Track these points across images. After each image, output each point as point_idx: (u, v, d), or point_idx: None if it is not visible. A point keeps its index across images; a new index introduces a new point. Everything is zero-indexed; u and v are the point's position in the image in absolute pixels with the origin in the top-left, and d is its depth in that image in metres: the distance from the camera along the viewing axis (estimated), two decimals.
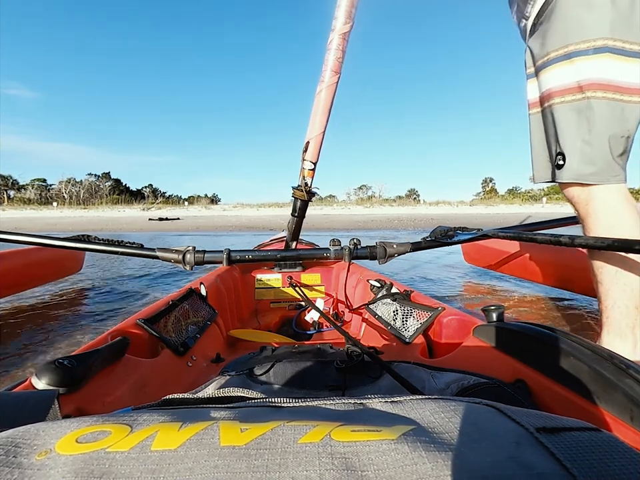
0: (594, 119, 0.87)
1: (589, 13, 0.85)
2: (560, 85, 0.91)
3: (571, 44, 0.88)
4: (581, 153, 0.89)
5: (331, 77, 1.35)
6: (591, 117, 0.87)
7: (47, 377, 0.43)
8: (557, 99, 0.92)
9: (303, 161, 1.39)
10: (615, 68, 0.84)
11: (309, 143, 1.38)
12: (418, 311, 0.83)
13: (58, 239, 1.38)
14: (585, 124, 0.89)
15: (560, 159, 0.92)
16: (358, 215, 18.64)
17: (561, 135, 0.93)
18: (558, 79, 0.91)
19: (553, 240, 0.84)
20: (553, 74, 0.92)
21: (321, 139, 1.39)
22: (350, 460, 0.18)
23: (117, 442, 0.20)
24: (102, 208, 25.68)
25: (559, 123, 0.93)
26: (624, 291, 0.90)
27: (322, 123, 1.37)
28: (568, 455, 0.18)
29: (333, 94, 1.36)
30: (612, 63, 0.84)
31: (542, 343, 0.46)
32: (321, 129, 1.37)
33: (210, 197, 43.09)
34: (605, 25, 0.84)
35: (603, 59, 0.84)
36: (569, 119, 0.91)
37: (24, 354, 1.32)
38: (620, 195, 0.89)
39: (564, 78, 0.90)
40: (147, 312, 0.78)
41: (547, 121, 0.97)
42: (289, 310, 1.41)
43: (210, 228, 12.55)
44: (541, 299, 2.14)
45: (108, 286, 2.58)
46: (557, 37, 0.90)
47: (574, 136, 0.91)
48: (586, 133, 0.89)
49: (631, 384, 0.35)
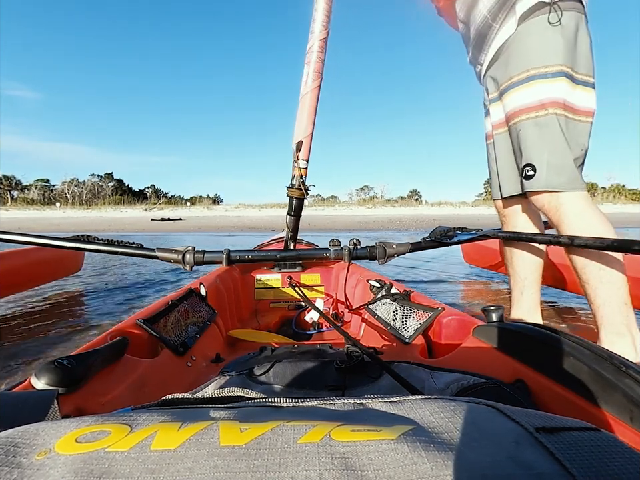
0: (557, 132, 0.97)
1: (546, 44, 0.97)
2: (524, 104, 1.01)
3: (532, 68, 0.99)
4: (548, 164, 0.98)
5: (313, 80, 1.42)
6: (555, 130, 0.97)
7: (46, 376, 0.43)
8: (523, 116, 1.02)
9: (297, 160, 1.42)
10: (569, 91, 0.97)
11: (302, 143, 1.41)
12: (418, 311, 0.83)
13: (57, 239, 1.38)
14: (549, 137, 0.98)
15: (529, 170, 1.02)
16: (360, 215, 18.66)
17: (529, 148, 1.03)
18: (522, 99, 1.02)
19: (552, 240, 0.85)
20: (517, 95, 1.02)
21: (311, 138, 1.45)
22: (350, 460, 0.18)
23: (117, 442, 0.20)
24: (104, 208, 25.71)
25: (526, 138, 1.02)
26: (610, 288, 0.95)
27: (310, 123, 1.43)
28: (567, 454, 0.18)
29: (317, 96, 1.44)
30: (566, 87, 0.96)
31: (542, 343, 0.46)
32: (309, 129, 1.43)
33: (212, 197, 43.16)
34: (559, 54, 0.96)
35: (560, 82, 0.96)
36: (535, 133, 1.00)
37: (23, 354, 1.32)
38: (585, 201, 0.99)
39: (527, 97, 1.01)
40: (146, 312, 0.78)
41: (513, 137, 1.07)
42: (289, 310, 1.41)
43: (212, 228, 12.57)
44: (541, 300, 2.13)
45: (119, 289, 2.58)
46: (519, 63, 1.01)
47: (541, 148, 1.00)
48: (551, 146, 0.99)
49: (630, 384, 0.35)
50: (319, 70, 1.44)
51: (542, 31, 0.97)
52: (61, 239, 1.38)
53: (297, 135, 1.45)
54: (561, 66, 0.95)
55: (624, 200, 26.01)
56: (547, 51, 0.97)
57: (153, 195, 41.59)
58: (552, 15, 0.94)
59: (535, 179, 1.00)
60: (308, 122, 1.44)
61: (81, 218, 18.88)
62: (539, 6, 0.97)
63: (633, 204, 23.19)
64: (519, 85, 1.01)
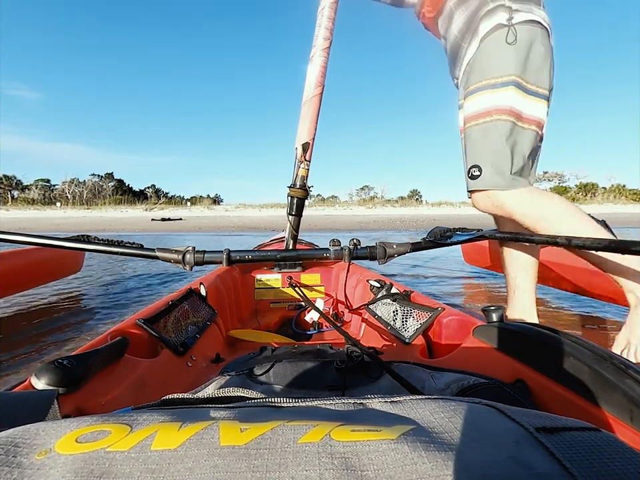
0: (500, 136, 1.07)
1: (500, 57, 1.07)
2: (475, 111, 1.12)
3: (485, 79, 1.09)
4: (492, 165, 1.07)
5: (316, 87, 1.48)
6: (498, 134, 1.07)
7: (46, 376, 0.43)
8: (472, 122, 1.12)
9: (302, 162, 1.46)
10: (517, 99, 1.05)
11: (309, 144, 1.45)
12: (418, 311, 0.83)
13: (57, 239, 1.38)
14: (493, 140, 1.08)
15: (475, 171, 1.11)
16: (360, 215, 18.66)
17: (475, 150, 1.12)
18: (474, 106, 1.12)
19: (550, 240, 0.85)
20: (471, 102, 1.13)
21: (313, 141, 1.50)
22: (350, 460, 0.18)
23: (117, 442, 0.20)
24: (105, 208, 25.70)
25: (473, 142, 1.13)
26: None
27: (313, 126, 1.49)
28: (567, 454, 0.18)
29: (320, 101, 1.50)
30: (515, 95, 1.05)
31: (542, 343, 0.46)
32: (313, 132, 1.49)
33: (212, 197, 43.11)
34: (511, 66, 1.05)
35: (508, 91, 1.05)
36: (480, 137, 1.11)
37: (23, 354, 1.32)
38: (532, 193, 1.08)
39: (478, 105, 1.11)
40: (146, 312, 0.78)
41: (464, 141, 1.17)
42: (289, 310, 1.41)
43: (212, 228, 12.58)
44: (540, 300, 2.14)
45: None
46: (476, 74, 1.12)
47: (485, 151, 1.10)
48: (495, 148, 1.08)
49: (630, 384, 0.35)
50: (322, 75, 1.50)
51: (498, 46, 1.07)
52: (61, 239, 1.37)
53: (300, 137, 1.50)
54: (511, 76, 1.04)
55: (624, 200, 26.01)
56: (499, 63, 1.07)
57: (153, 195, 41.59)
58: (509, 35, 1.05)
59: (481, 178, 1.09)
60: (312, 125, 1.50)
61: (82, 218, 18.89)
62: (497, 27, 1.07)
63: (633, 204, 23.19)
64: (472, 94, 1.12)
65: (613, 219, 3.66)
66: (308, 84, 1.51)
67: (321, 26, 1.50)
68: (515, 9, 1.06)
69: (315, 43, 1.51)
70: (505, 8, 1.06)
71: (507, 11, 1.06)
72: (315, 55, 1.50)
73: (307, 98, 1.50)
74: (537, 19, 1.06)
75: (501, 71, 1.07)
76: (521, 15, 1.05)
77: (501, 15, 1.07)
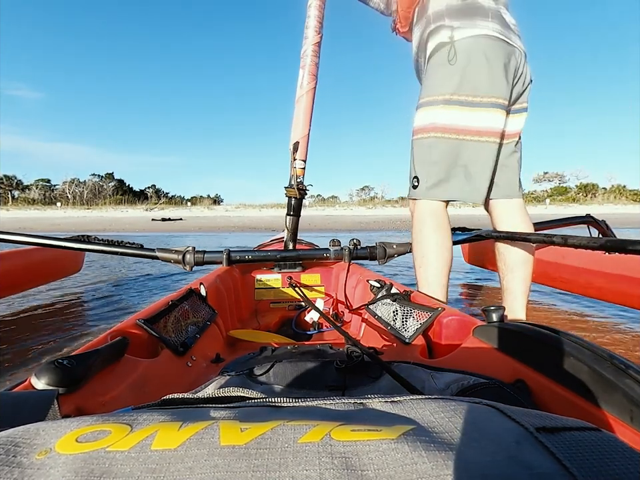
0: (435, 152, 1.15)
1: (440, 76, 1.14)
2: (417, 126, 1.21)
3: (427, 95, 1.17)
4: (427, 178, 1.17)
5: (308, 83, 1.48)
6: (434, 151, 1.15)
7: (46, 376, 0.43)
8: (416, 136, 1.21)
9: (294, 161, 1.47)
10: (454, 115, 1.11)
11: (299, 143, 1.45)
12: (418, 311, 0.83)
13: (58, 239, 1.38)
14: (429, 156, 1.17)
15: (415, 181, 1.21)
16: (360, 215, 18.65)
17: (415, 164, 1.22)
18: (416, 121, 1.21)
19: (545, 240, 0.86)
20: (416, 117, 1.21)
21: (307, 139, 1.50)
22: (350, 459, 0.18)
23: (117, 441, 0.20)
24: (105, 208, 25.69)
25: (415, 155, 1.23)
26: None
27: (306, 124, 1.49)
28: (568, 454, 0.18)
29: (312, 98, 1.50)
30: (450, 112, 1.12)
31: (542, 343, 0.46)
32: (306, 130, 1.48)
33: (213, 197, 43.10)
34: (450, 84, 1.11)
35: (447, 109, 1.12)
36: (420, 152, 1.20)
37: (23, 354, 1.32)
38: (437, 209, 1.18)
39: (419, 120, 1.20)
40: (146, 312, 0.77)
41: (411, 151, 1.26)
42: (289, 310, 1.41)
43: (212, 228, 12.58)
44: (541, 300, 2.14)
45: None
46: (423, 90, 1.20)
47: (423, 165, 1.19)
48: (430, 162, 1.16)
49: (630, 384, 0.35)
50: (314, 73, 1.50)
51: (440, 64, 1.14)
52: (61, 239, 1.38)
53: (293, 136, 1.49)
54: (451, 95, 1.11)
55: (624, 200, 25.99)
56: (439, 82, 1.14)
57: (153, 195, 41.60)
58: (450, 52, 1.11)
59: (419, 188, 1.19)
60: (304, 123, 1.49)
61: (82, 218, 18.89)
62: (440, 45, 1.14)
63: (633, 204, 23.18)
64: (418, 108, 1.21)
65: (613, 219, 3.66)
66: (300, 80, 1.50)
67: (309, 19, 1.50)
68: (456, 27, 1.11)
69: (305, 39, 1.50)
70: (446, 27, 1.12)
71: (448, 29, 1.12)
72: (307, 50, 1.49)
73: (300, 95, 1.50)
74: (481, 32, 1.10)
75: (441, 89, 1.14)
76: (462, 31, 1.10)
77: (443, 34, 1.13)
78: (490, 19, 1.11)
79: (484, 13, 1.11)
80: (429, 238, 1.18)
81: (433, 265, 1.16)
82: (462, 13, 1.12)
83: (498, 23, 1.11)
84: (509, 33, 1.13)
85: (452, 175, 1.16)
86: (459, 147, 1.13)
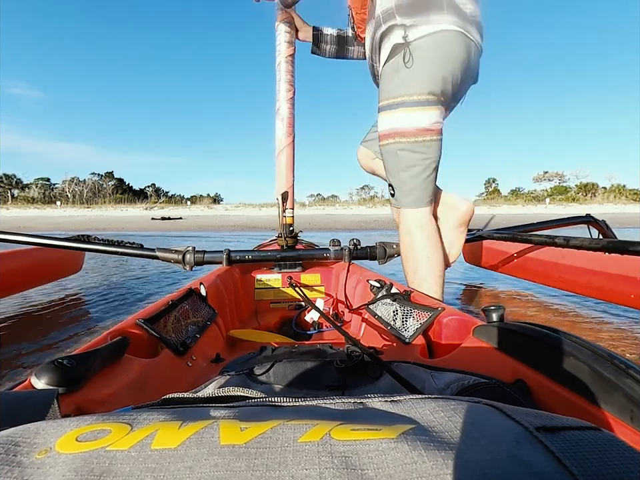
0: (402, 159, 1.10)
1: (399, 78, 1.07)
2: (381, 131, 1.14)
3: (386, 99, 1.10)
4: (398, 186, 1.14)
5: (287, 137, 1.54)
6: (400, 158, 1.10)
7: (46, 376, 0.43)
8: (383, 141, 1.15)
9: (284, 211, 1.50)
10: (411, 117, 1.06)
11: (287, 193, 1.50)
12: (418, 311, 0.83)
13: (57, 239, 1.38)
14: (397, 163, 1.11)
15: (391, 190, 1.18)
16: (360, 215, 18.63)
17: (387, 171, 1.17)
18: (380, 125, 1.14)
19: (548, 241, 0.85)
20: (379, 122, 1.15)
21: (293, 188, 1.56)
22: (350, 459, 0.18)
23: (117, 441, 0.20)
24: (105, 207, 25.67)
25: (385, 162, 1.17)
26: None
27: (290, 175, 1.55)
28: (567, 453, 0.18)
29: (293, 149, 1.56)
30: (408, 114, 1.06)
31: (542, 343, 0.46)
32: (290, 180, 1.55)
33: (212, 196, 43.06)
34: (408, 86, 1.05)
35: (400, 112, 1.07)
36: (389, 159, 1.14)
37: (23, 354, 1.32)
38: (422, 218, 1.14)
39: (382, 125, 1.13)
40: (146, 312, 0.77)
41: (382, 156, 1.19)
42: (289, 310, 1.41)
43: (212, 227, 12.57)
44: (541, 300, 2.14)
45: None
46: (382, 94, 1.13)
47: (394, 173, 1.14)
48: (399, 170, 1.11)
49: (630, 384, 0.35)
50: (291, 124, 1.54)
51: (396, 69, 1.07)
52: (61, 239, 1.38)
53: (278, 187, 1.54)
54: (402, 97, 1.06)
55: (624, 200, 25.98)
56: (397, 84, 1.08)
57: (153, 194, 41.62)
58: (406, 55, 1.04)
59: (395, 197, 1.16)
60: (288, 175, 1.55)
61: (82, 217, 18.88)
62: (395, 48, 1.07)
63: (633, 204, 23.17)
64: (379, 113, 1.15)
65: (613, 219, 3.66)
66: (278, 136, 1.55)
67: (280, 80, 1.53)
68: (409, 25, 1.03)
69: (278, 96, 1.55)
70: (399, 26, 1.04)
71: (401, 29, 1.03)
72: (281, 107, 1.54)
73: (279, 149, 1.54)
74: (436, 28, 1.02)
75: (398, 91, 1.07)
76: (417, 30, 1.02)
77: (396, 34, 1.05)
78: (445, 10, 1.02)
79: (438, 5, 1.02)
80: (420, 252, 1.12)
81: (428, 279, 1.12)
82: (413, 8, 1.03)
83: (455, 15, 1.02)
84: (466, 25, 1.04)
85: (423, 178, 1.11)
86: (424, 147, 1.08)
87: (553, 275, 1.90)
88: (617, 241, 0.69)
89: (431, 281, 1.12)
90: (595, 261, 1.64)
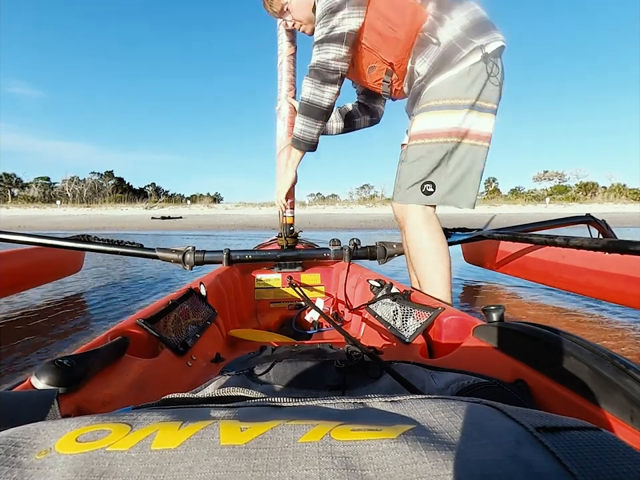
0: (458, 159, 1.11)
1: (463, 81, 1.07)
2: (436, 129, 1.11)
3: (447, 98, 1.09)
4: (444, 185, 1.13)
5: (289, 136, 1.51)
6: (456, 157, 1.11)
7: (46, 376, 0.43)
8: (432, 140, 1.12)
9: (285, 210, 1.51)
10: (475, 121, 1.09)
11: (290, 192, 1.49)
12: (418, 311, 0.83)
13: (58, 239, 1.38)
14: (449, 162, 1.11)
15: (429, 187, 1.15)
16: (360, 214, 18.61)
17: (434, 169, 1.14)
18: (435, 123, 1.11)
19: (548, 241, 0.85)
20: (431, 119, 1.12)
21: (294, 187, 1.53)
22: (350, 459, 0.18)
23: (117, 441, 0.20)
24: (105, 206, 25.64)
25: (430, 158, 1.13)
26: None
27: None
28: (567, 453, 0.18)
29: None
30: (473, 117, 1.08)
31: (542, 342, 0.46)
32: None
33: (212, 195, 43.02)
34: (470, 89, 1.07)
35: (467, 113, 1.08)
36: (440, 157, 1.12)
37: (23, 354, 1.32)
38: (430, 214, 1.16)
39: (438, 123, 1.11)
40: (146, 312, 0.77)
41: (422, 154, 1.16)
42: (289, 310, 1.41)
43: (212, 227, 12.57)
44: (541, 299, 2.14)
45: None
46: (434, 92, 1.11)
47: (443, 171, 1.13)
48: (451, 170, 1.12)
49: (631, 384, 0.35)
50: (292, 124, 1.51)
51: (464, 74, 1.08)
52: (61, 239, 1.38)
53: None
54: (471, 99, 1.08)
55: (624, 200, 25.97)
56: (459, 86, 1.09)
57: (153, 193, 41.61)
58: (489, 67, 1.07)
59: (435, 194, 1.14)
60: None
61: (82, 216, 18.86)
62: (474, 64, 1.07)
63: (633, 203, 23.16)
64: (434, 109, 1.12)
65: (613, 218, 3.66)
66: (279, 135, 1.55)
67: (282, 79, 1.54)
68: (484, 44, 1.05)
69: (280, 95, 1.55)
70: (477, 48, 1.06)
71: (479, 50, 1.06)
72: (282, 107, 1.55)
73: (280, 149, 1.55)
74: (503, 43, 1.07)
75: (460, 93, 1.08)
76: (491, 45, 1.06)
77: (475, 55, 1.07)
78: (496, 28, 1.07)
79: (492, 24, 1.08)
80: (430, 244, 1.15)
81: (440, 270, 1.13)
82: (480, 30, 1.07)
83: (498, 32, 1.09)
84: None
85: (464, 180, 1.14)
86: (478, 153, 1.11)
87: (553, 275, 1.90)
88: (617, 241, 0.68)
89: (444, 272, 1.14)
90: (595, 260, 1.64)
